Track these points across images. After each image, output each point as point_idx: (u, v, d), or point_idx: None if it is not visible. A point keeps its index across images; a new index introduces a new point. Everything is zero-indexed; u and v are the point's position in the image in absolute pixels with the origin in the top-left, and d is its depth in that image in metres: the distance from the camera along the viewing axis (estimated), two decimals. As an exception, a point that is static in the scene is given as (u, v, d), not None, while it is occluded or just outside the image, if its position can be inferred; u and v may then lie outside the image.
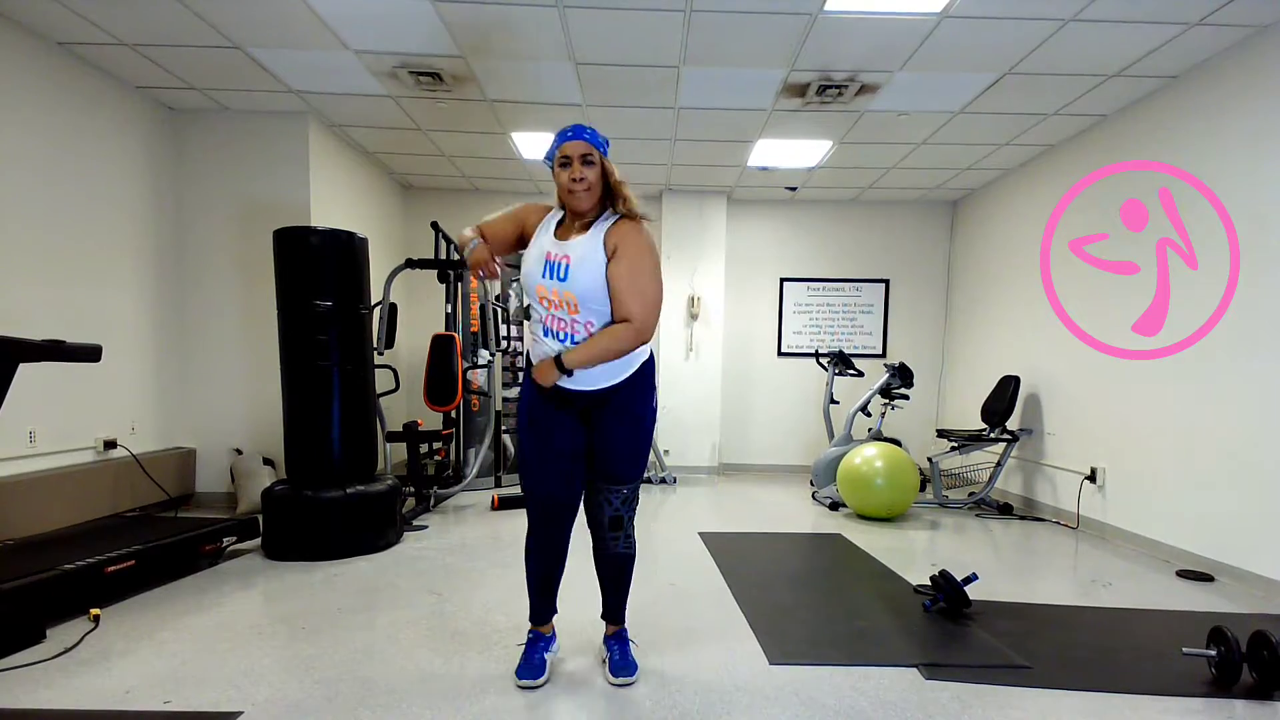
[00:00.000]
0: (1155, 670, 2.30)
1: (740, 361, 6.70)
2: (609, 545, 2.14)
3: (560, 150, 1.90)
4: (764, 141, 4.97)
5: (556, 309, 1.92)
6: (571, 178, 1.88)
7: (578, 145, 1.88)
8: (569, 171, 1.88)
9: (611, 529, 2.11)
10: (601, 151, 1.91)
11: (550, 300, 1.91)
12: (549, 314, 1.94)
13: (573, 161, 1.88)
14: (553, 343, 1.95)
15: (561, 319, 1.92)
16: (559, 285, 1.89)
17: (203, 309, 4.62)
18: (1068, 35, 3.35)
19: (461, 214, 6.26)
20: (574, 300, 1.88)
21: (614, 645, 2.23)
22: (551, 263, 1.90)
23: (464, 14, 3.27)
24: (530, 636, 2.21)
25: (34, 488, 3.43)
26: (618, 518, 2.10)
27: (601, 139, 1.92)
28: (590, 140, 1.89)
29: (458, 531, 4.12)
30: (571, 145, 1.88)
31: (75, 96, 3.75)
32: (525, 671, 2.11)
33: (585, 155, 1.88)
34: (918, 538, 4.21)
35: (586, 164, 1.88)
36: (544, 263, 1.92)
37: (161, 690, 2.06)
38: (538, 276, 1.92)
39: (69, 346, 2.29)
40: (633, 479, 2.09)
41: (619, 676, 2.14)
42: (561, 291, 1.89)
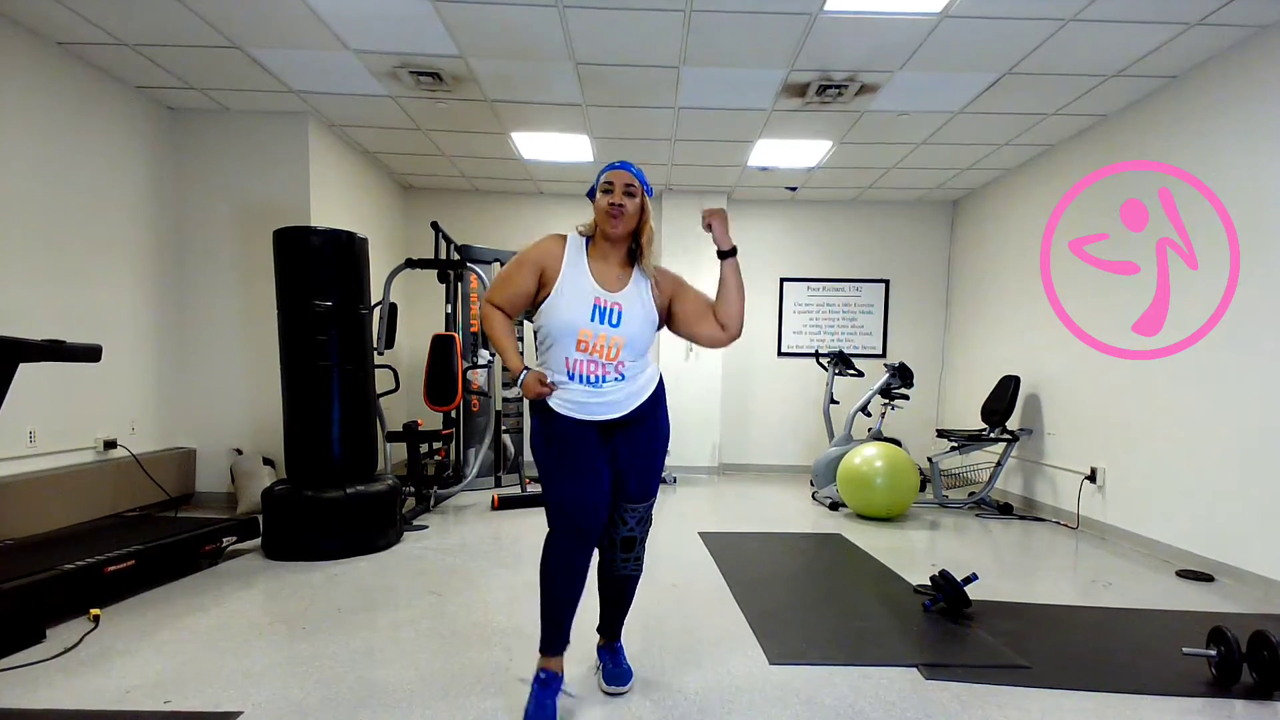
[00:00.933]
0: (1155, 670, 2.30)
1: (740, 361, 6.69)
2: (618, 566, 2.09)
3: (605, 177, 1.96)
4: (764, 141, 4.97)
5: (594, 352, 1.92)
6: (611, 202, 1.93)
7: (623, 174, 1.95)
8: (610, 197, 1.93)
9: (624, 549, 2.07)
10: (645, 190, 1.98)
11: (590, 345, 1.91)
12: (578, 357, 1.92)
13: (615, 188, 1.94)
14: (578, 386, 1.93)
15: (595, 363, 1.92)
16: (611, 330, 1.92)
17: (203, 309, 4.62)
18: (1068, 35, 3.35)
19: (462, 214, 6.28)
20: (620, 344, 1.93)
21: (607, 655, 2.21)
22: (603, 308, 1.93)
23: (464, 14, 3.27)
24: (541, 676, 2.00)
25: (34, 488, 3.43)
26: (631, 538, 2.06)
27: (646, 181, 2.00)
28: (637, 176, 1.97)
29: (458, 531, 4.12)
30: (617, 173, 1.95)
31: (75, 96, 3.75)
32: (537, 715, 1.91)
33: (628, 185, 1.94)
34: (918, 538, 4.21)
35: (628, 194, 1.94)
36: (594, 307, 1.92)
37: (161, 690, 2.06)
38: (585, 320, 1.91)
39: (69, 346, 2.29)
40: (649, 498, 2.07)
41: (613, 685, 2.11)
42: (611, 336, 1.92)
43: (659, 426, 2.06)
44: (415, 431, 4.50)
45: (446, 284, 5.25)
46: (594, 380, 1.93)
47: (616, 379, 1.95)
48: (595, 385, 1.93)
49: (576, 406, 1.94)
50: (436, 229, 5.14)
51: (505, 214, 6.36)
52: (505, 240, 5.99)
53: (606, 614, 2.21)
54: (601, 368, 1.92)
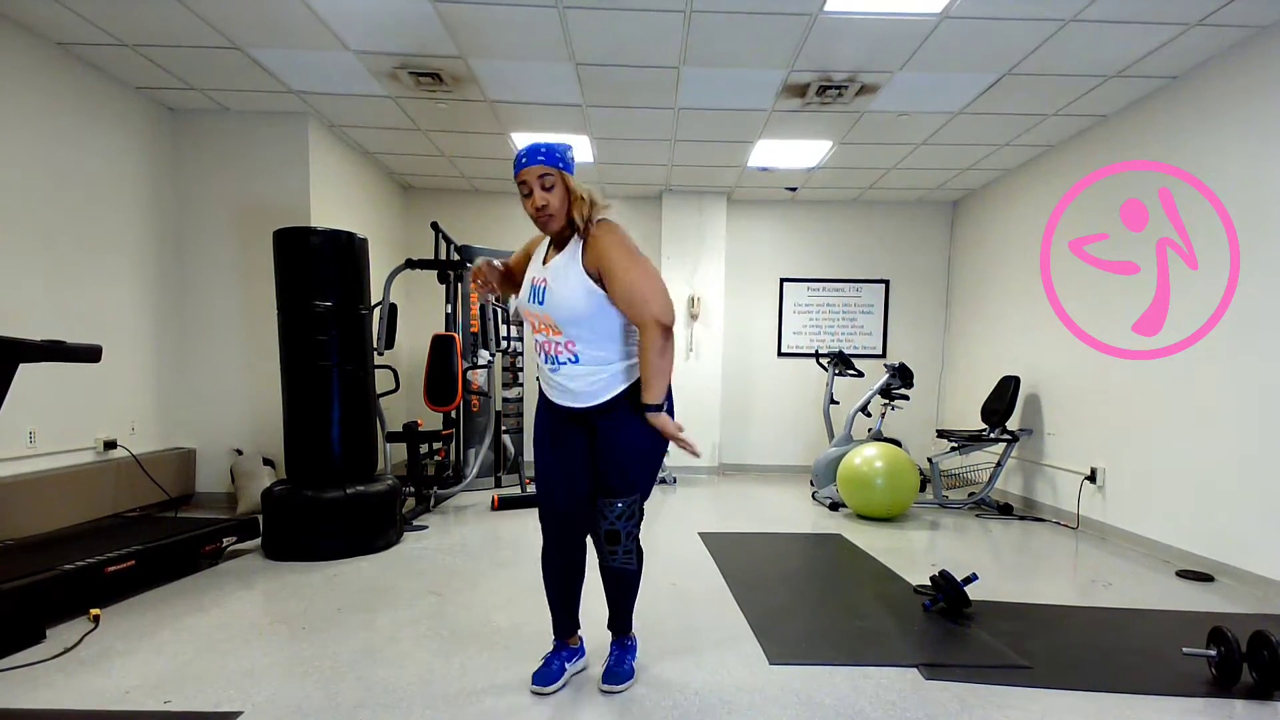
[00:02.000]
0: (1155, 670, 2.30)
1: (740, 361, 6.70)
2: (607, 559, 2.08)
3: (517, 179, 1.84)
4: (764, 142, 4.97)
5: (543, 332, 1.95)
6: (534, 206, 1.82)
7: (532, 170, 1.80)
8: (529, 201, 1.83)
9: (609, 542, 2.04)
10: (560, 167, 1.82)
11: (535, 324, 1.97)
12: (539, 338, 1.98)
13: (531, 189, 1.82)
14: (545, 365, 1.99)
15: (548, 342, 1.95)
16: (539, 309, 1.91)
17: (203, 309, 4.62)
18: (1068, 36, 3.35)
19: (461, 214, 6.28)
20: (552, 323, 1.89)
21: (615, 651, 2.22)
22: (535, 287, 1.93)
23: (464, 14, 3.27)
24: (554, 646, 2.19)
25: (34, 488, 3.43)
26: (613, 532, 2.01)
27: (558, 153, 1.82)
28: (545, 161, 1.80)
29: (458, 531, 4.12)
30: (526, 172, 1.81)
31: (75, 96, 3.75)
32: (541, 676, 2.09)
33: (543, 177, 1.80)
34: (918, 538, 4.21)
35: (545, 188, 1.81)
36: (530, 288, 1.96)
37: (161, 690, 2.06)
38: (525, 302, 1.97)
39: (69, 346, 2.28)
40: (625, 494, 1.98)
41: (607, 683, 2.11)
42: (541, 315, 1.91)
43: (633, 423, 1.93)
44: (415, 432, 4.50)
45: (446, 284, 5.25)
46: (550, 359, 1.95)
47: (570, 360, 1.90)
48: (552, 365, 1.96)
49: (550, 388, 2.01)
50: (436, 229, 5.14)
51: (505, 214, 6.36)
52: (505, 240, 5.99)
53: (608, 607, 2.21)
54: (553, 346, 1.93)
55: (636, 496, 2.03)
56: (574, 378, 1.93)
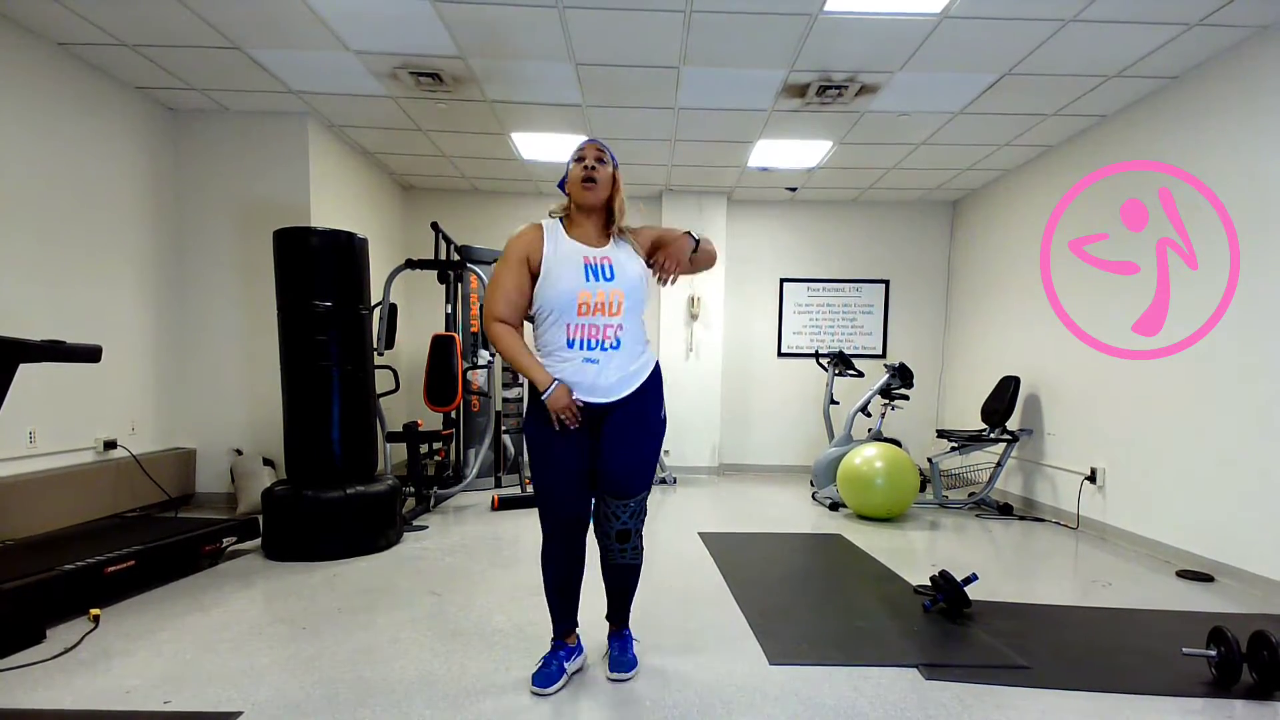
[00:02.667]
0: (1155, 670, 2.30)
1: (740, 362, 6.70)
2: (616, 556, 2.12)
3: (577, 151, 2.04)
4: (764, 142, 4.97)
5: (595, 313, 1.93)
6: (585, 168, 1.99)
7: (593, 146, 2.04)
8: (582, 165, 2.00)
9: (619, 541, 2.09)
10: (614, 162, 2.06)
11: (591, 304, 1.92)
12: (582, 322, 1.93)
13: (588, 157, 2.01)
14: (578, 354, 1.94)
15: (595, 326, 1.94)
16: (607, 285, 1.95)
17: (203, 309, 4.62)
18: (1068, 36, 3.35)
19: (462, 214, 6.28)
20: (620, 298, 1.95)
21: (615, 643, 2.26)
22: (593, 265, 1.96)
23: (464, 14, 3.27)
24: (553, 645, 2.20)
25: (34, 488, 3.43)
26: (626, 531, 2.08)
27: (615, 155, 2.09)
28: (604, 148, 2.05)
29: (458, 532, 4.12)
30: (589, 146, 2.04)
31: (75, 96, 3.75)
32: (541, 678, 2.10)
33: (599, 155, 2.02)
34: (918, 538, 4.21)
35: (600, 161, 2.01)
36: (584, 266, 1.95)
37: (161, 690, 2.06)
38: (581, 282, 1.93)
39: (69, 346, 2.28)
40: (640, 492, 2.07)
41: (616, 671, 2.17)
42: (609, 291, 1.94)
43: (648, 418, 2.05)
44: (415, 432, 4.50)
45: (446, 284, 5.25)
46: (591, 344, 1.94)
47: (614, 345, 1.95)
48: (592, 352, 1.94)
49: (575, 386, 1.95)
50: (436, 229, 5.14)
51: (505, 214, 6.36)
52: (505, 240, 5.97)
53: (611, 601, 2.25)
54: (603, 330, 1.94)
55: (645, 494, 2.10)
56: (611, 369, 1.96)
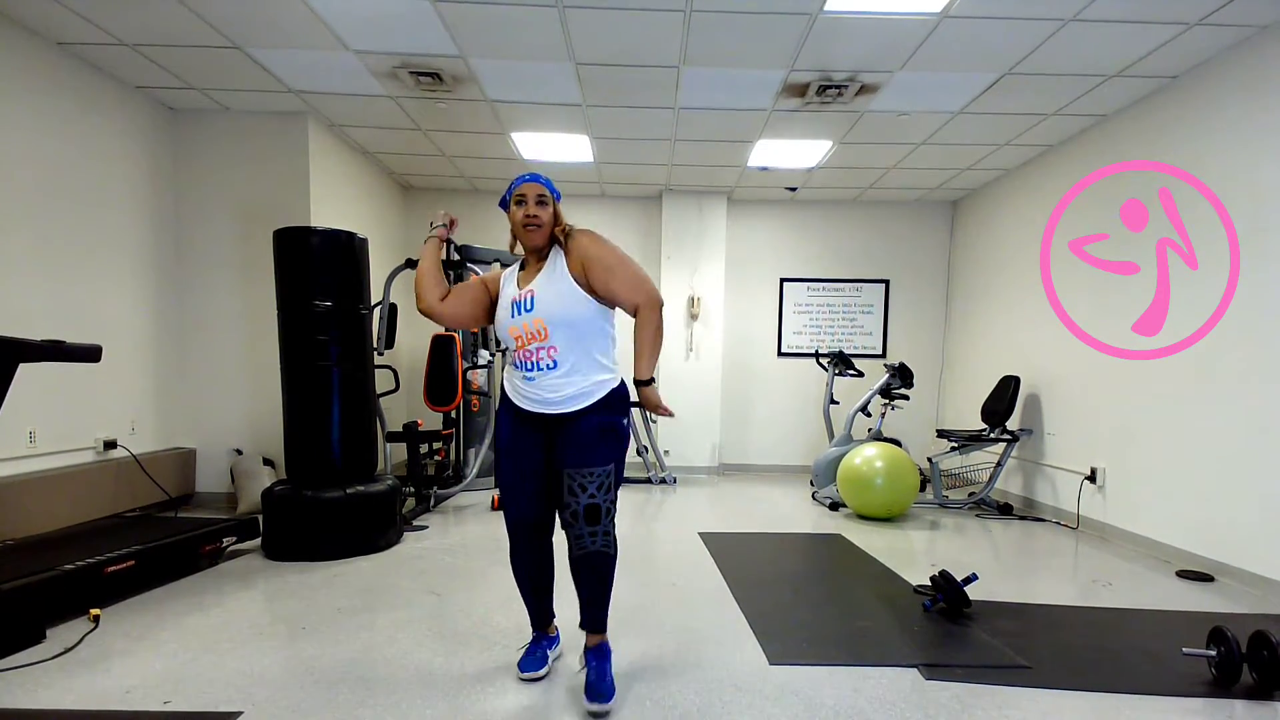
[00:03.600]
0: (1155, 670, 2.30)
1: (740, 361, 6.70)
2: (585, 542, 1.95)
3: (516, 191, 2.06)
4: (764, 142, 4.97)
5: (529, 342, 2.03)
6: (526, 214, 2.03)
7: (533, 187, 2.05)
8: (523, 209, 2.04)
9: (589, 520, 1.94)
10: (554, 195, 2.08)
11: (522, 336, 2.03)
12: (523, 351, 2.05)
13: (527, 200, 2.04)
14: (521, 372, 2.07)
15: (530, 350, 2.03)
16: (528, 316, 2.02)
17: (203, 309, 4.62)
18: (1068, 35, 3.35)
19: (462, 214, 6.23)
20: (543, 326, 2.00)
21: (593, 661, 2.06)
22: (518, 302, 2.05)
23: (464, 14, 3.27)
24: (533, 636, 2.30)
25: (34, 488, 3.43)
26: (594, 506, 1.94)
27: (554, 186, 2.10)
28: (544, 184, 2.07)
29: (458, 531, 4.12)
30: (527, 186, 2.05)
31: (75, 96, 3.75)
32: (527, 664, 2.19)
33: (539, 196, 2.05)
34: (918, 538, 4.21)
35: (540, 204, 2.04)
36: (511, 304, 2.07)
37: (161, 690, 2.06)
38: (508, 319, 2.06)
39: (69, 346, 2.28)
40: (602, 464, 1.98)
41: (593, 702, 1.94)
42: (531, 321, 2.01)
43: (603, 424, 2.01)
44: (415, 431, 4.50)
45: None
46: (530, 365, 2.04)
47: (550, 365, 2.01)
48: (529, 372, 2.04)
49: (522, 396, 2.07)
50: (436, 229, 5.13)
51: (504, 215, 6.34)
52: (505, 240, 5.96)
53: (583, 603, 2.08)
54: (536, 353, 2.03)
55: (609, 469, 2.00)
56: (552, 384, 2.01)
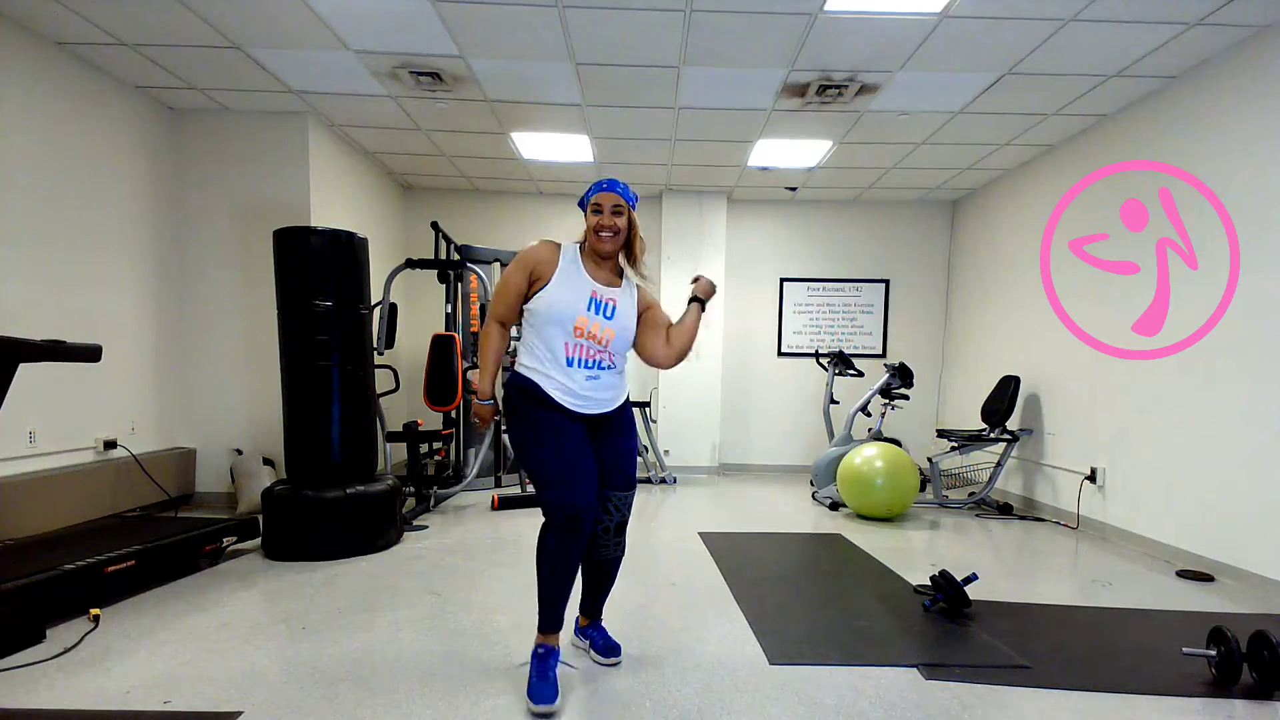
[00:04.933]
0: (1155, 670, 2.30)
1: (740, 361, 6.70)
2: (612, 549, 2.23)
3: (594, 199, 2.10)
4: (764, 141, 4.97)
5: (589, 339, 2.06)
6: (600, 224, 2.07)
7: (610, 196, 2.08)
8: (600, 218, 2.08)
9: (616, 534, 2.21)
10: (631, 206, 2.11)
11: (586, 331, 2.06)
12: (578, 342, 2.06)
13: (604, 210, 2.07)
14: (577, 370, 2.07)
15: (591, 349, 2.07)
16: (605, 321, 2.08)
17: (203, 309, 4.62)
18: (1068, 35, 3.35)
19: (462, 214, 6.28)
20: (611, 335, 2.08)
21: (593, 633, 2.36)
22: (599, 300, 2.08)
23: (464, 14, 3.27)
24: (540, 651, 2.08)
25: (34, 488, 3.43)
26: (624, 523, 2.23)
27: (633, 195, 2.13)
28: (622, 194, 2.10)
29: (458, 531, 4.12)
30: (605, 195, 2.08)
31: (75, 96, 3.75)
32: (540, 694, 1.96)
33: (616, 206, 2.08)
34: (918, 538, 4.21)
35: (616, 214, 2.08)
36: (590, 299, 2.07)
37: (161, 690, 2.06)
38: (582, 309, 2.05)
39: (69, 346, 2.28)
40: (633, 487, 2.25)
41: (609, 656, 2.28)
42: (604, 327, 2.07)
43: (630, 426, 2.27)
44: (415, 431, 4.50)
45: (446, 284, 5.25)
46: (592, 364, 2.08)
47: (609, 368, 2.12)
48: (593, 371, 2.08)
49: (575, 398, 2.07)
50: (436, 229, 5.14)
51: (505, 214, 6.36)
52: (505, 240, 5.98)
53: (592, 595, 2.35)
54: (599, 354, 2.08)
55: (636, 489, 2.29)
56: (606, 386, 2.12)
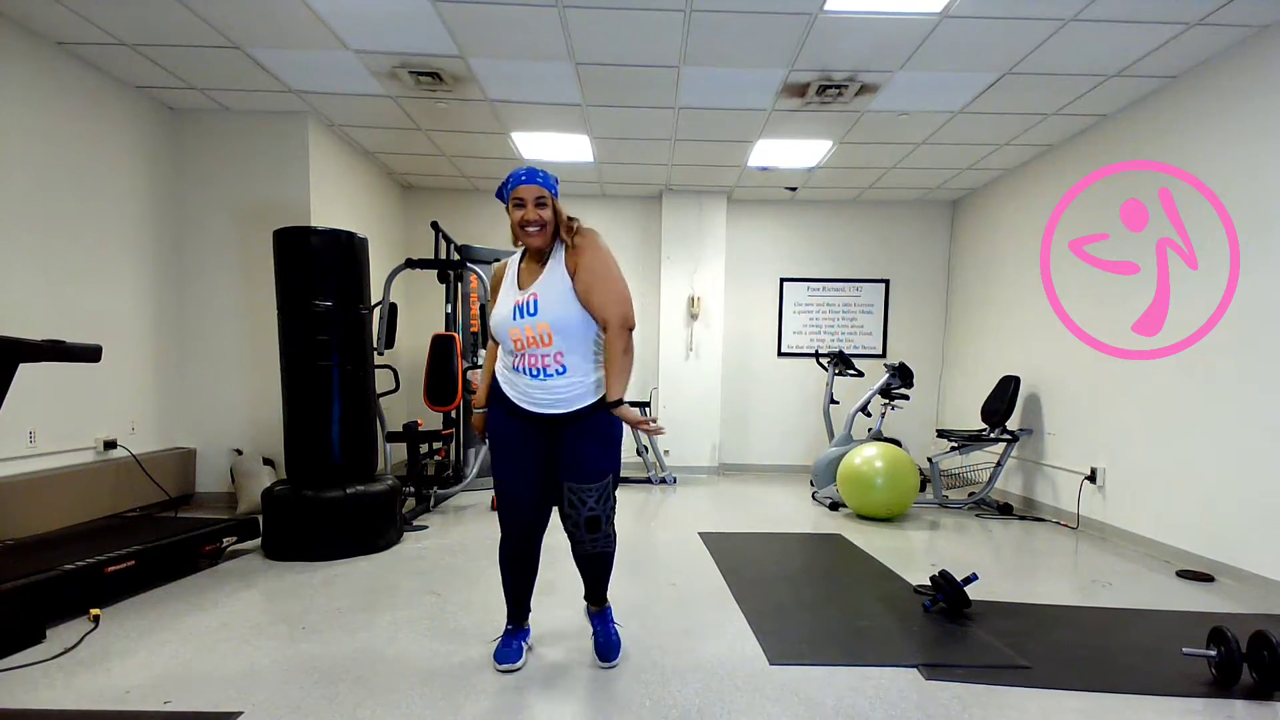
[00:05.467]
0: (1155, 670, 2.30)
1: (740, 361, 6.70)
2: (587, 546, 2.14)
3: (513, 193, 2.00)
4: (764, 141, 4.97)
5: (531, 346, 2.00)
6: (524, 219, 1.98)
7: (531, 189, 1.98)
8: (522, 212, 1.99)
9: (589, 530, 2.10)
10: (553, 193, 2.01)
11: (523, 340, 2.00)
12: (523, 354, 2.02)
13: (526, 204, 1.98)
14: (527, 378, 2.04)
15: (535, 356, 2.01)
16: (530, 320, 1.98)
17: (203, 309, 4.62)
18: (1068, 35, 3.35)
19: (462, 214, 6.28)
20: (547, 330, 1.98)
21: (597, 625, 2.34)
22: (521, 305, 2.01)
23: (464, 13, 3.27)
24: (509, 628, 2.31)
25: (34, 488, 3.43)
26: (594, 518, 2.09)
27: (553, 180, 2.03)
28: (543, 184, 1.99)
29: (458, 531, 4.12)
30: (524, 189, 1.98)
31: (75, 96, 3.75)
32: (504, 657, 2.21)
33: (538, 198, 1.98)
34: (918, 538, 4.21)
35: (539, 205, 1.98)
36: (514, 308, 2.02)
37: (161, 690, 2.06)
38: (510, 322, 2.01)
39: (69, 346, 2.28)
40: (601, 478, 2.09)
41: (604, 660, 2.26)
42: (535, 325, 1.98)
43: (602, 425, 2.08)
44: (415, 431, 4.50)
45: (446, 284, 5.25)
46: (535, 373, 2.03)
47: (559, 371, 2.01)
48: (536, 377, 2.03)
49: (525, 397, 2.05)
50: (436, 229, 5.14)
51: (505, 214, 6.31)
52: (505, 240, 5.98)
53: (588, 585, 2.32)
54: (542, 359, 2.01)
55: (607, 481, 2.12)
56: (558, 388, 2.03)
